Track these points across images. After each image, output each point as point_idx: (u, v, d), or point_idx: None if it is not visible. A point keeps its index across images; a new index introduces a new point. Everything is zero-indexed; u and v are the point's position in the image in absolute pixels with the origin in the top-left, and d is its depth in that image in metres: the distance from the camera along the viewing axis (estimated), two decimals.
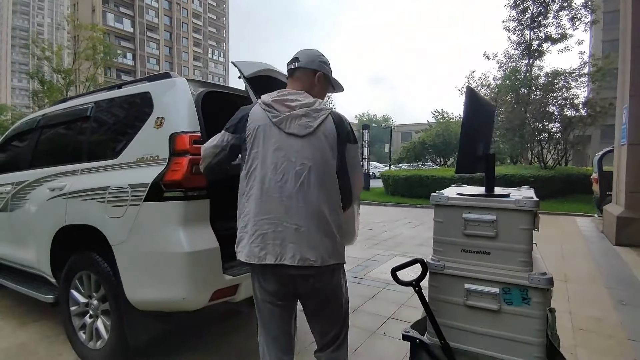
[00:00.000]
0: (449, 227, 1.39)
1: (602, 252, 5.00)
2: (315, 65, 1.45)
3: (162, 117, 1.99)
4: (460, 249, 1.36)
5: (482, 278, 1.31)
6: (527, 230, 1.27)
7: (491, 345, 1.30)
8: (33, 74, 21.70)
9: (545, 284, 1.23)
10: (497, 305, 1.28)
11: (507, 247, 1.29)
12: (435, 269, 1.39)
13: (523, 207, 1.26)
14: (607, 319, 2.78)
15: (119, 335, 2.01)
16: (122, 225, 1.93)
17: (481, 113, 1.59)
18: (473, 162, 1.52)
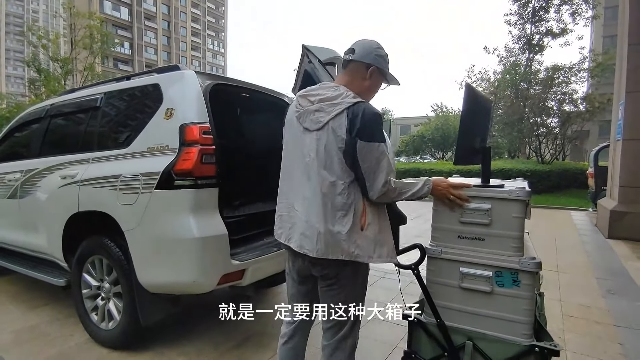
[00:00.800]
0: (446, 215, 1.47)
1: (595, 244, 5.14)
2: (370, 59, 1.40)
3: (172, 108, 2.07)
4: (457, 236, 1.45)
5: (476, 262, 1.41)
6: (519, 218, 1.35)
7: (483, 323, 1.40)
8: (29, 62, 21.42)
9: (534, 267, 1.32)
10: (490, 287, 1.38)
11: (501, 234, 1.37)
12: (433, 253, 1.48)
13: (516, 196, 1.34)
14: (595, 307, 2.91)
15: (131, 316, 2.11)
16: (134, 212, 2.01)
17: (479, 108, 1.65)
18: (471, 154, 1.60)
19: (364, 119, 1.29)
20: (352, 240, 1.30)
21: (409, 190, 1.37)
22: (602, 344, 2.33)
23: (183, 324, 2.57)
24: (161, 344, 2.31)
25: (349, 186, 1.31)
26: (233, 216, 2.32)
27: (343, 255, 1.31)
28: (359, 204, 1.33)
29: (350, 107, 1.31)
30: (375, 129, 1.31)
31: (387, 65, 1.45)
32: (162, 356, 2.18)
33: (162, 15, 57.61)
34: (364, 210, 1.33)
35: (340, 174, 1.31)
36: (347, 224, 1.30)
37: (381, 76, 1.45)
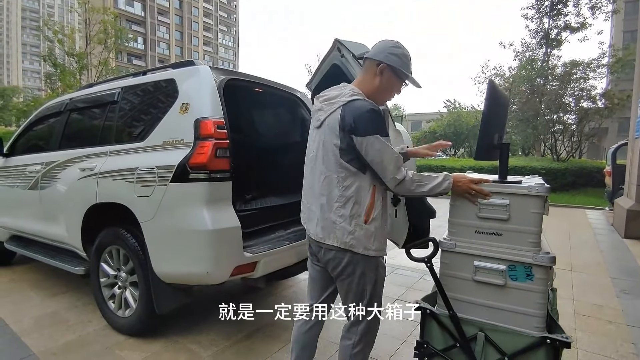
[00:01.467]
0: (464, 210, 1.48)
1: (610, 243, 5.04)
2: (382, 56, 1.40)
3: (187, 103, 2.11)
4: (474, 231, 1.46)
5: (489, 256, 1.42)
6: (538, 214, 1.37)
7: (495, 316, 1.42)
8: (45, 56, 21.85)
9: (548, 262, 1.33)
10: (503, 280, 1.40)
11: (519, 229, 1.38)
12: (447, 247, 1.51)
13: (535, 192, 1.36)
14: (608, 306, 2.87)
15: (146, 304, 2.18)
16: (150, 203, 2.07)
17: (499, 104, 1.66)
18: (490, 150, 1.60)
19: (355, 115, 1.32)
20: (348, 230, 1.37)
21: (427, 184, 1.38)
22: (614, 344, 2.30)
23: (197, 314, 2.64)
24: (175, 332, 2.38)
25: (345, 180, 1.37)
26: (246, 209, 2.37)
27: (337, 243, 1.38)
28: (364, 197, 1.38)
29: (344, 105, 1.36)
30: (368, 123, 1.32)
31: (403, 64, 1.41)
32: (176, 344, 2.25)
33: (175, 10, 57.99)
34: (371, 205, 1.38)
35: (335, 168, 1.38)
36: (345, 214, 1.37)
37: (394, 75, 1.43)
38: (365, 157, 1.33)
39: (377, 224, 1.40)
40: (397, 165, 1.34)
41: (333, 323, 2.38)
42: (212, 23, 64.82)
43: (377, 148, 1.31)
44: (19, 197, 3.18)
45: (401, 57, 1.41)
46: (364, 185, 1.38)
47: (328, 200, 1.40)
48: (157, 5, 55.12)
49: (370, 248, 1.39)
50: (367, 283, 1.44)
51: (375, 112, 1.34)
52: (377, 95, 1.46)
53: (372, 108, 1.34)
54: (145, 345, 2.22)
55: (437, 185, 1.38)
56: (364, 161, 1.35)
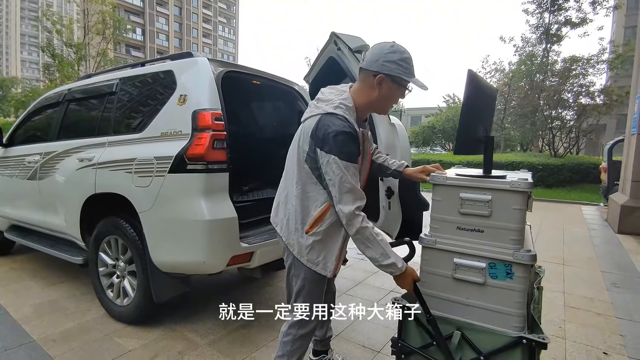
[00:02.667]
0: (446, 205, 1.44)
1: (604, 239, 5.10)
2: (377, 66, 1.30)
3: (185, 94, 2.12)
4: (455, 227, 1.42)
5: (469, 253, 1.39)
6: (520, 210, 1.32)
7: (474, 314, 1.40)
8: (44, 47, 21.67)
9: (529, 260, 1.29)
10: (483, 278, 1.36)
11: (500, 226, 1.34)
12: (427, 243, 1.47)
13: (517, 188, 1.31)
14: (598, 299, 2.93)
15: (145, 293, 2.22)
16: (148, 194, 2.10)
17: (482, 96, 1.59)
18: (472, 144, 1.55)
19: (326, 131, 1.26)
20: (290, 230, 1.42)
21: (372, 249, 1.30)
22: (603, 335, 2.36)
23: (195, 304, 2.69)
24: (173, 320, 2.42)
25: (304, 184, 1.37)
26: (243, 201, 2.40)
27: (282, 234, 1.45)
28: (313, 209, 1.37)
29: (323, 115, 1.30)
30: (335, 144, 1.25)
31: (402, 70, 1.30)
32: (173, 332, 2.29)
33: (174, 2, 57.42)
34: (317, 219, 1.36)
35: (298, 169, 1.38)
36: (291, 214, 1.40)
37: (394, 83, 1.33)
38: (324, 174, 1.29)
39: (318, 238, 1.36)
40: (344, 192, 1.26)
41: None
42: (211, 15, 64.21)
43: (333, 170, 1.26)
44: (18, 187, 3.20)
45: (399, 63, 1.30)
46: (318, 198, 1.36)
47: (288, 195, 1.44)
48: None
49: (303, 256, 1.39)
50: (295, 284, 1.47)
51: (345, 136, 1.25)
52: (378, 106, 1.41)
53: (345, 132, 1.26)
54: (143, 333, 2.26)
55: (381, 258, 1.30)
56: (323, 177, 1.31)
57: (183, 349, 2.10)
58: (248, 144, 3.06)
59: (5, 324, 2.36)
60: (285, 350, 1.48)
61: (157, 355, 2.04)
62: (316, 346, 1.89)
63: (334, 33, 1.98)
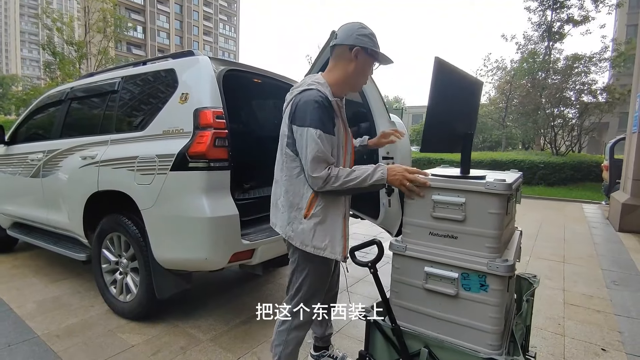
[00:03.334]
0: (418, 209, 1.33)
1: (604, 237, 5.11)
2: (352, 39, 1.36)
3: (186, 93, 2.14)
4: (428, 232, 1.31)
5: (441, 262, 1.28)
6: (496, 214, 1.19)
7: (446, 329, 1.28)
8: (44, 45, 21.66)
9: (504, 271, 1.16)
10: (455, 290, 1.24)
11: (475, 232, 1.22)
12: (398, 250, 1.36)
13: (493, 189, 1.17)
14: (597, 297, 2.94)
15: (147, 290, 2.25)
16: (150, 191, 2.12)
17: (456, 88, 1.44)
18: (446, 141, 1.43)
19: (299, 105, 1.31)
20: (287, 221, 1.40)
21: (356, 178, 1.30)
22: (601, 332, 2.37)
23: (196, 300, 2.71)
24: (175, 316, 2.45)
25: (291, 170, 1.38)
26: (244, 198, 2.42)
27: (281, 232, 1.44)
28: (306, 191, 1.36)
29: (296, 95, 1.35)
30: (307, 114, 1.28)
31: (373, 44, 1.39)
32: (176, 328, 2.32)
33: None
34: (312, 199, 1.36)
35: (283, 157, 1.41)
36: (286, 205, 1.40)
37: (369, 56, 1.39)
38: (299, 149, 1.32)
39: (318, 220, 1.35)
40: (316, 162, 1.28)
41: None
42: (212, 12, 64.08)
43: (304, 140, 1.29)
44: (21, 185, 3.23)
45: (370, 37, 1.39)
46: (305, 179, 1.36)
47: (277, 188, 1.45)
48: None
49: (307, 244, 1.36)
50: (298, 276, 1.46)
51: (318, 104, 1.29)
52: (354, 81, 1.44)
53: (317, 100, 1.29)
54: (146, 329, 2.29)
55: (366, 176, 1.30)
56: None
57: (185, 345, 2.13)
58: (249, 142, 3.07)
59: (8, 320, 2.39)
60: (281, 340, 1.51)
61: (159, 350, 2.07)
62: (317, 342, 1.91)
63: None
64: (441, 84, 1.29)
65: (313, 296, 1.49)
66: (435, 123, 1.34)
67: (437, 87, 1.27)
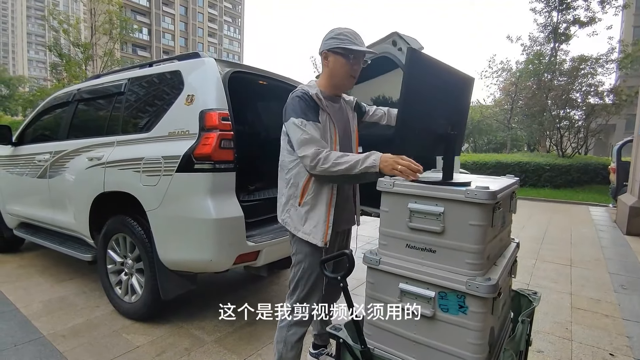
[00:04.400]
0: (393, 218, 1.21)
1: (611, 240, 5.05)
2: (322, 47, 1.48)
3: (192, 94, 2.14)
4: (405, 244, 1.19)
5: (416, 278, 1.15)
6: (477, 226, 1.06)
7: (422, 354, 1.16)
8: (51, 46, 21.88)
9: (485, 291, 1.02)
10: (431, 310, 1.12)
11: (454, 246, 1.10)
12: (370, 263, 1.24)
13: (474, 198, 1.04)
14: (605, 301, 2.91)
15: (152, 291, 2.25)
16: (156, 193, 2.12)
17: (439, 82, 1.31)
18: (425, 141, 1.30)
19: (286, 104, 1.47)
20: (285, 208, 1.54)
21: (346, 162, 1.32)
22: (609, 336, 2.34)
23: (201, 301, 2.71)
24: (180, 317, 2.45)
25: (288, 163, 1.51)
26: (249, 200, 2.42)
27: (281, 220, 1.58)
28: (300, 181, 1.49)
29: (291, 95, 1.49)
30: (289, 108, 1.43)
31: (338, 41, 1.43)
32: (180, 329, 2.32)
33: (180, 1, 57.69)
34: (304, 188, 1.48)
35: (284, 153, 1.55)
36: (284, 195, 1.54)
37: (338, 55, 1.45)
38: (291, 141, 1.45)
39: (308, 207, 1.47)
40: (303, 144, 1.37)
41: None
42: (217, 14, 64.43)
43: (291, 131, 1.42)
44: (28, 185, 3.25)
45: (338, 37, 1.44)
46: (302, 170, 1.47)
47: (280, 182, 1.58)
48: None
49: (299, 229, 1.49)
50: (295, 264, 1.56)
51: (298, 98, 1.42)
52: (336, 82, 1.52)
53: (297, 95, 1.43)
54: (151, 330, 2.29)
55: (357, 161, 1.30)
56: None
57: (190, 346, 2.13)
58: (254, 144, 3.08)
59: (14, 319, 2.41)
60: (281, 337, 1.56)
61: (164, 351, 2.07)
62: (316, 340, 1.95)
63: (397, 33, 1.99)
64: (415, 79, 1.19)
65: (312, 290, 1.54)
66: (407, 121, 1.22)
67: (410, 82, 1.17)
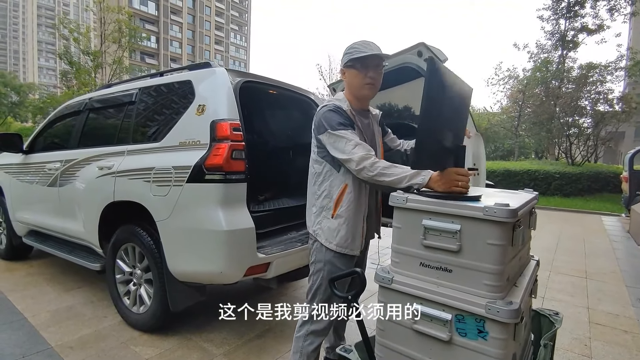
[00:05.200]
0: (407, 235, 1.16)
1: (627, 251, 4.93)
2: (343, 60, 1.57)
3: (203, 104, 2.13)
4: (419, 263, 1.14)
5: (431, 299, 1.09)
6: (496, 246, 1.00)
7: None
8: (61, 54, 22.25)
9: (507, 316, 0.95)
10: (447, 334, 1.05)
11: (472, 266, 1.04)
12: (383, 282, 1.19)
13: (493, 216, 0.99)
14: (624, 316, 2.82)
15: (161, 302, 2.22)
16: (166, 203, 2.10)
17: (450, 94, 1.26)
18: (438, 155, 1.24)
19: (317, 118, 1.52)
20: (317, 220, 1.55)
21: (393, 175, 1.28)
22: (630, 354, 2.26)
23: (210, 313, 2.67)
24: (188, 329, 2.42)
25: (320, 175, 1.55)
26: (260, 210, 2.39)
27: (310, 230, 1.59)
28: (334, 193, 1.51)
29: (317, 112, 1.55)
30: (324, 121, 1.47)
31: (349, 55, 1.51)
32: (189, 341, 2.28)
33: (188, 10, 58.62)
34: (338, 200, 1.50)
35: (314, 166, 1.58)
36: (317, 206, 1.55)
37: (350, 68, 1.54)
38: (333, 152, 1.46)
39: (342, 220, 1.49)
40: (349, 149, 1.39)
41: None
42: (224, 22, 65.30)
43: (333, 141, 1.44)
44: (38, 193, 3.26)
45: (349, 51, 1.52)
46: (335, 182, 1.51)
47: (311, 193, 1.60)
48: (171, 5, 55.77)
49: (331, 242, 1.50)
50: (314, 272, 1.57)
51: (331, 111, 1.48)
52: (355, 93, 1.58)
53: (330, 109, 1.49)
54: (159, 342, 2.26)
55: (404, 177, 1.25)
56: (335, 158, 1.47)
57: (199, 359, 2.09)
58: (264, 154, 3.06)
59: (22, 329, 2.39)
60: (297, 347, 1.59)
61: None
62: (327, 354, 1.91)
63: (423, 44, 2.00)
64: (436, 91, 1.12)
65: (331, 298, 1.54)
66: (432, 137, 1.18)
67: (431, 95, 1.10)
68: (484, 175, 2.16)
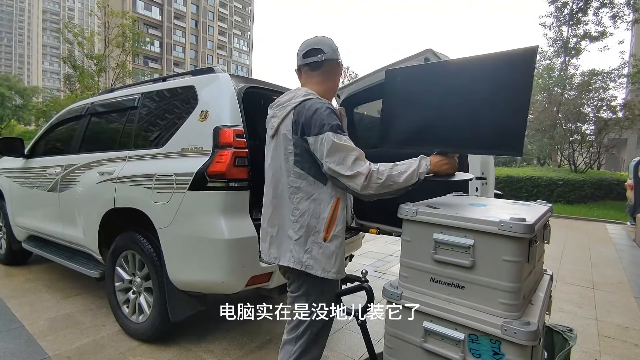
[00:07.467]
0: (416, 248, 1.12)
1: (633, 260, 4.85)
2: (337, 54, 1.40)
3: (206, 110, 2.10)
4: (429, 278, 1.09)
5: (442, 317, 1.03)
6: (512, 263, 0.95)
7: None
8: (65, 58, 22.36)
9: (525, 338, 0.90)
10: (460, 355, 1.00)
11: (486, 283, 0.99)
12: (391, 297, 1.14)
13: (508, 231, 0.95)
14: (634, 328, 2.75)
15: (160, 311, 2.17)
16: (167, 210, 2.06)
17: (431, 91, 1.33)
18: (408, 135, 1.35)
19: (308, 115, 1.23)
20: (306, 249, 1.24)
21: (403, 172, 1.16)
22: None
23: (210, 322, 2.62)
24: (188, 340, 2.36)
25: (300, 190, 1.25)
26: None
27: (293, 263, 1.26)
28: (323, 211, 1.24)
29: (295, 107, 1.27)
30: (323, 120, 1.20)
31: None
32: (188, 352, 2.23)
33: (191, 15, 59.06)
34: (332, 219, 1.23)
35: (290, 178, 1.27)
36: (300, 231, 1.24)
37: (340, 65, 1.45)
38: (321, 158, 1.19)
39: (339, 242, 1.25)
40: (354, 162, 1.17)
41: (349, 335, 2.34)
42: (227, 27, 65.73)
43: (334, 146, 1.17)
44: (38, 198, 3.23)
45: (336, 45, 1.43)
46: (323, 197, 1.24)
47: (281, 215, 1.29)
48: (175, 10, 56.24)
49: (329, 270, 1.23)
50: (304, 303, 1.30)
51: (330, 110, 1.25)
52: (334, 93, 1.48)
53: (328, 106, 1.26)
54: (158, 352, 2.21)
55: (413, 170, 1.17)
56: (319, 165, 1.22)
57: None
58: None
59: (20, 338, 2.34)
60: None
61: None
62: None
63: (431, 50, 1.98)
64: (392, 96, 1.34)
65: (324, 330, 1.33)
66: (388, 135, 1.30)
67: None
68: (492, 184, 2.11)
